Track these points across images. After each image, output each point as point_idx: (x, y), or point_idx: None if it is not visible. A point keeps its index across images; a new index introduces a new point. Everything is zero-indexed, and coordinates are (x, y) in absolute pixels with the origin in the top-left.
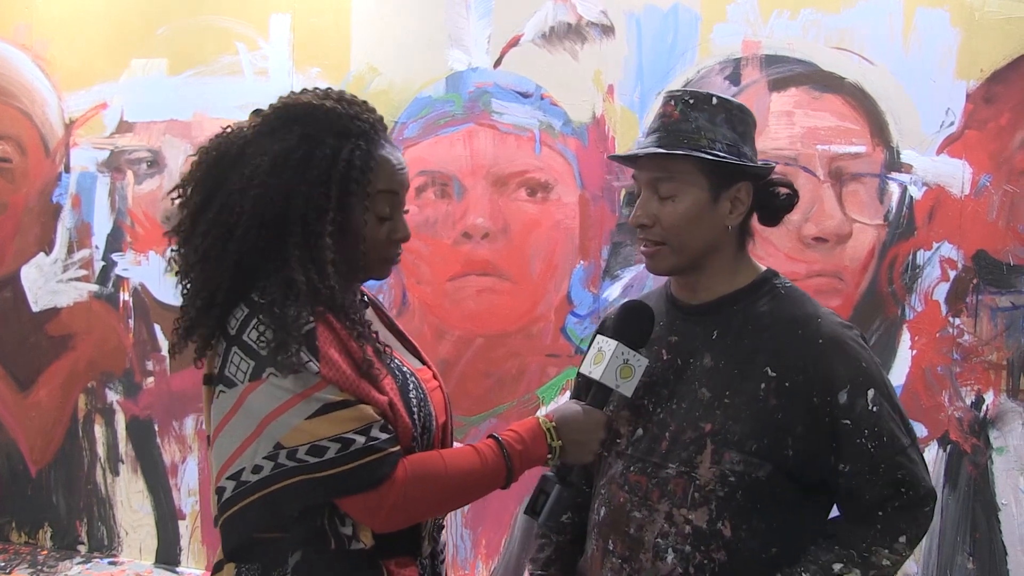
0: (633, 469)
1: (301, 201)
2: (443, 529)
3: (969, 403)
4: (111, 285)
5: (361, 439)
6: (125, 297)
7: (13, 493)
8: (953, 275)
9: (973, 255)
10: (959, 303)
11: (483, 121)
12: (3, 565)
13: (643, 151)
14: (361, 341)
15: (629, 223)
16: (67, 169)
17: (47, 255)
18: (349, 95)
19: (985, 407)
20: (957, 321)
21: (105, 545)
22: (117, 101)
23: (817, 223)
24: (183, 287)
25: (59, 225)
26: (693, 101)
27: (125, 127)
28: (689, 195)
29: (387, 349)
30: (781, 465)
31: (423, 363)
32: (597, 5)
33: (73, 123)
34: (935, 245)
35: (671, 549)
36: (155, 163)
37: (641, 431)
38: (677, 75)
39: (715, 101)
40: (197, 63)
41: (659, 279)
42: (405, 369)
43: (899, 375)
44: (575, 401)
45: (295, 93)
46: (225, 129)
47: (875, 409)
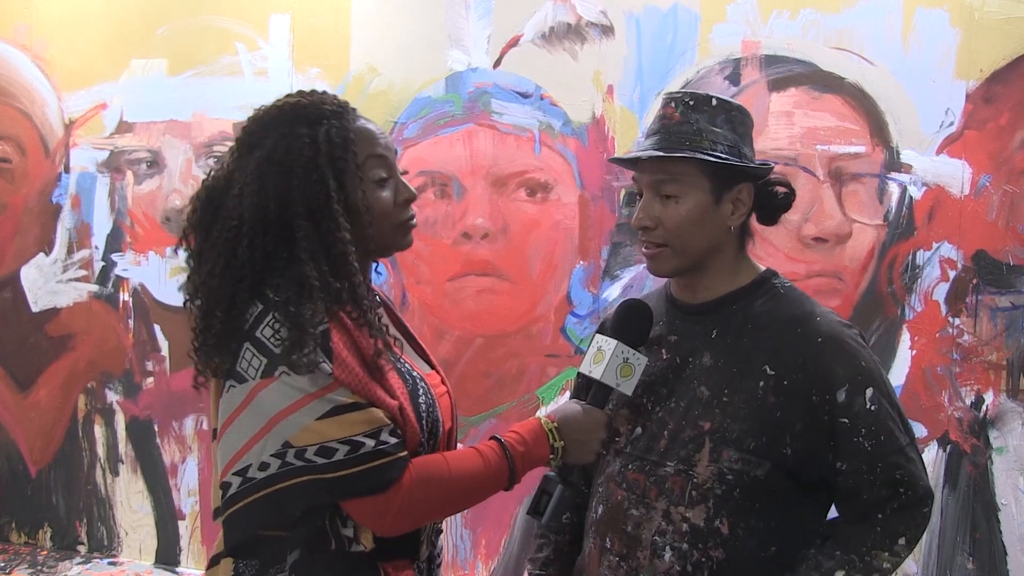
0: (631, 467)
1: (300, 195)
2: (441, 533)
3: (969, 403)
4: (111, 285)
5: (371, 442)
6: (125, 297)
7: (13, 493)
8: (953, 275)
9: (973, 255)
10: (959, 303)
11: (483, 121)
12: (3, 565)
13: (645, 154)
14: (374, 334)
15: (632, 225)
16: (67, 169)
17: (47, 255)
18: (308, 90)
19: (985, 407)
20: (957, 321)
21: (105, 545)
22: (117, 101)
23: (817, 223)
24: (195, 308)
25: (59, 225)
26: (693, 103)
27: (125, 127)
28: (691, 197)
29: (397, 347)
30: (780, 463)
31: (432, 367)
32: (597, 5)
33: (73, 123)
34: (935, 245)
35: (668, 547)
36: (155, 163)
37: (640, 430)
38: (677, 75)
39: (715, 102)
40: (197, 63)
41: (659, 279)
42: (415, 373)
43: (899, 375)
44: (575, 401)
45: (257, 109)
46: (209, 173)
47: (873, 408)
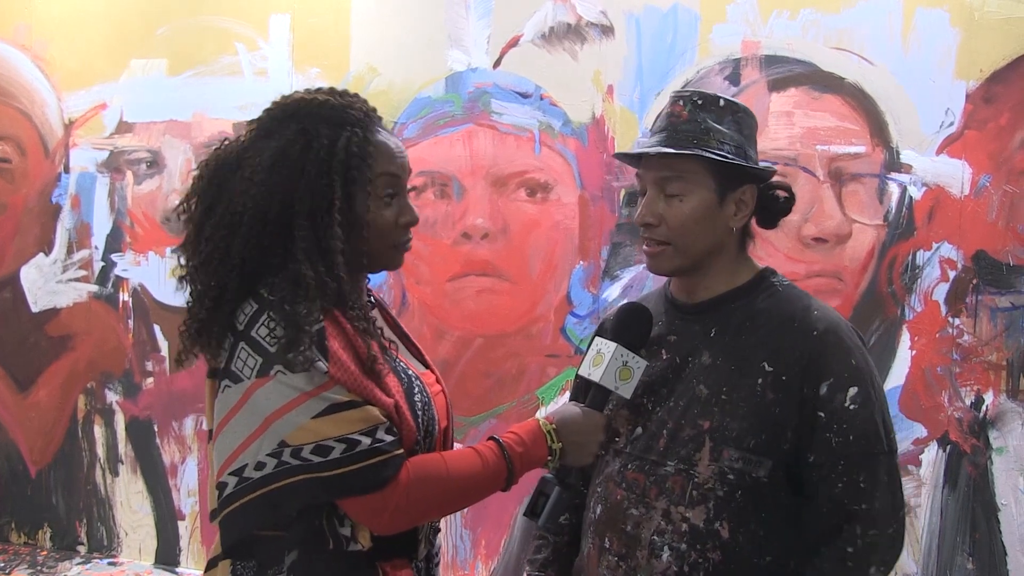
0: (631, 467)
1: (306, 195)
2: (439, 532)
3: (969, 403)
4: (110, 285)
5: (367, 440)
6: (125, 297)
7: (13, 493)
8: (953, 275)
9: (973, 255)
10: (959, 303)
11: (483, 121)
12: (3, 566)
13: (653, 149)
14: (367, 337)
15: (634, 222)
16: (67, 169)
17: (47, 255)
18: (340, 89)
19: (985, 407)
20: (957, 321)
21: (105, 546)
22: (117, 101)
23: (817, 223)
24: (189, 291)
25: (59, 225)
26: (701, 102)
27: (124, 127)
28: (696, 195)
29: (392, 348)
30: (780, 461)
31: (427, 367)
32: (596, 5)
33: (73, 123)
34: (935, 245)
35: (667, 547)
36: (155, 163)
37: (640, 430)
38: (677, 75)
39: (723, 103)
40: (197, 63)
41: (659, 280)
42: (410, 372)
43: (899, 375)
44: (574, 403)
45: (286, 96)
46: (223, 141)
47: (852, 407)
